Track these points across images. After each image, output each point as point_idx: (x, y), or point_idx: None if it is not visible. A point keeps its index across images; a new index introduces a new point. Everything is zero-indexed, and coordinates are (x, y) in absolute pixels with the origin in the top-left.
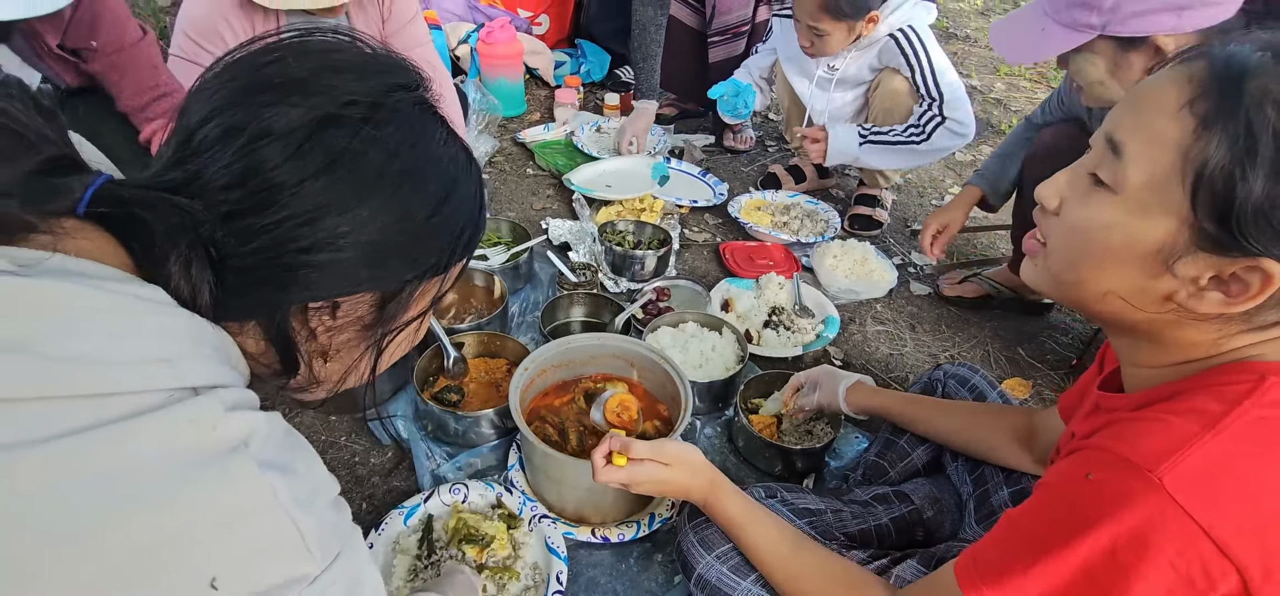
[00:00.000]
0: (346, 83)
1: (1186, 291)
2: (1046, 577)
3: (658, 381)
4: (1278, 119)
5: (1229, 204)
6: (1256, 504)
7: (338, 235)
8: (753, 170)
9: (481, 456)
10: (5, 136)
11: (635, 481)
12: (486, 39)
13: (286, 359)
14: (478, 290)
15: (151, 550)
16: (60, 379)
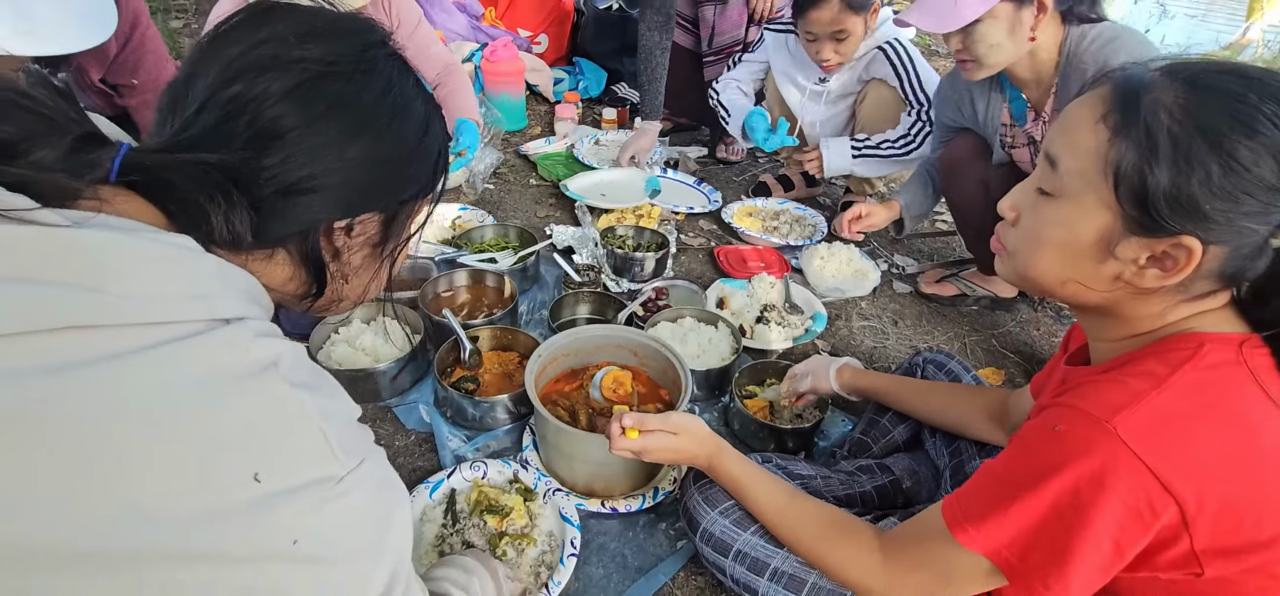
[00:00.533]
0: (334, 42)
1: (1130, 271)
2: (1022, 516)
3: (660, 368)
4: (1170, 122)
5: (1144, 193)
6: (1193, 448)
7: (347, 162)
8: (743, 179)
9: (497, 438)
10: (39, 120)
11: (648, 450)
12: (491, 57)
13: (319, 277)
14: (490, 290)
15: (203, 450)
16: (122, 310)
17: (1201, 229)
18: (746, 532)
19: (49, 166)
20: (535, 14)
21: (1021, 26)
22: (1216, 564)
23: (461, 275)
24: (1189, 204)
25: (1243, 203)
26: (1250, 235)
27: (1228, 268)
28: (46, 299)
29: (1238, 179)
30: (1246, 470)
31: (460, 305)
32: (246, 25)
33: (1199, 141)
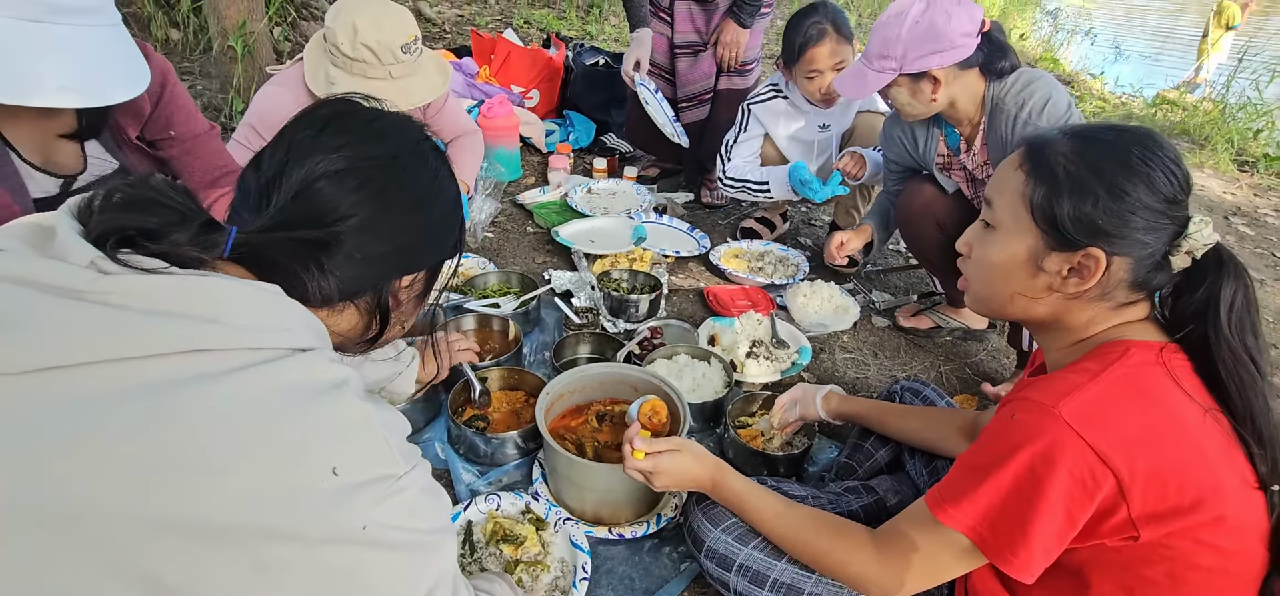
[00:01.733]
0: (393, 142)
1: (1057, 281)
2: (990, 493)
3: (668, 403)
4: (1066, 164)
5: (1054, 218)
6: (1122, 427)
7: (407, 233)
8: (728, 223)
9: (508, 472)
10: (174, 213)
11: (657, 469)
12: (487, 113)
13: (384, 322)
14: (495, 333)
15: (292, 447)
16: (233, 337)
17: (1102, 241)
18: (747, 548)
19: (182, 245)
20: (527, 71)
21: (921, 93)
22: (1149, 528)
23: (468, 320)
24: (1088, 222)
25: (1129, 219)
26: (1145, 247)
27: (1136, 277)
28: (179, 327)
29: (1121, 200)
30: (1167, 444)
31: (470, 348)
32: (327, 132)
33: (1088, 175)
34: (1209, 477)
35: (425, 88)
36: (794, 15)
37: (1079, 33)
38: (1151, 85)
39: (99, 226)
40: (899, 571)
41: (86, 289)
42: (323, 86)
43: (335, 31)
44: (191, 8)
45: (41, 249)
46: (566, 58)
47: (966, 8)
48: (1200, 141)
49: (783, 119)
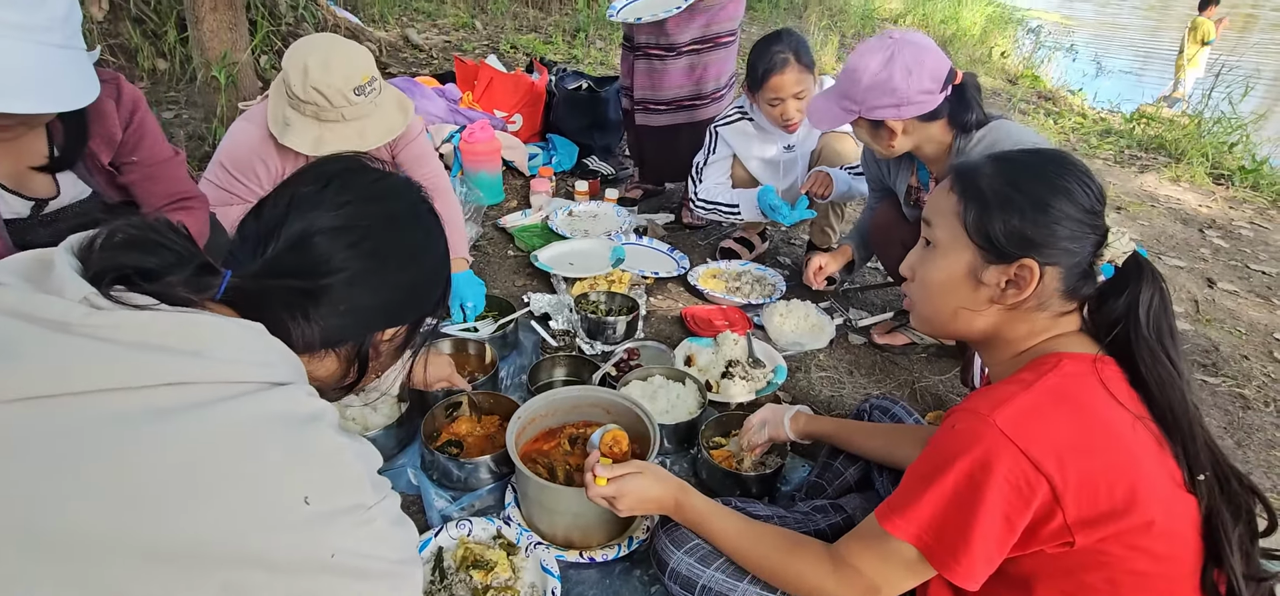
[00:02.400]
0: (393, 202)
1: (996, 292)
2: (933, 501)
3: (630, 424)
4: (991, 184)
5: (988, 233)
6: (1055, 434)
7: (395, 288)
8: (708, 243)
9: (481, 498)
10: (172, 255)
11: (621, 492)
12: (469, 138)
13: (361, 371)
14: (472, 358)
15: (267, 475)
16: (215, 370)
17: (1034, 252)
18: (710, 569)
19: (176, 286)
20: (510, 96)
21: (878, 138)
22: (1084, 533)
23: (445, 344)
24: (1019, 234)
25: (1055, 230)
26: (1073, 256)
27: (1068, 286)
28: (164, 360)
29: (1046, 212)
30: (1098, 450)
31: (446, 375)
32: (330, 188)
33: (1013, 192)
34: (1139, 481)
35: (381, 129)
36: (758, 42)
37: (1061, 49)
38: (1131, 101)
39: (98, 264)
40: (853, 583)
41: (77, 323)
42: (279, 129)
43: (288, 73)
44: (178, 38)
45: (38, 283)
46: (549, 82)
47: (930, 66)
48: (1176, 155)
49: (749, 140)
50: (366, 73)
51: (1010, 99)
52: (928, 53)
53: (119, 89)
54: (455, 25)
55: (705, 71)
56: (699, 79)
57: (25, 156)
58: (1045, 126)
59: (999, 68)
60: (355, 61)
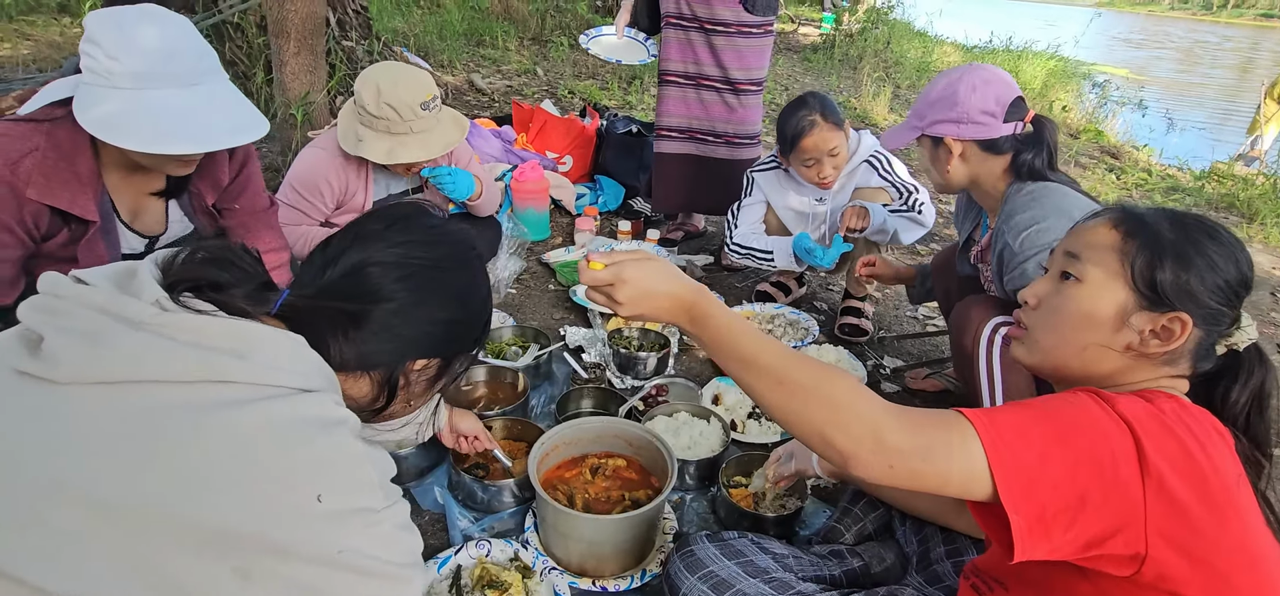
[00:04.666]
0: (444, 248)
1: (1137, 339)
2: (1020, 421)
3: (651, 456)
4: (1167, 233)
5: (1154, 281)
6: (1167, 444)
7: (431, 320)
8: (745, 286)
9: (502, 520)
10: (240, 272)
11: (620, 279)
12: (519, 178)
13: (391, 396)
14: (505, 385)
15: (289, 470)
16: (255, 373)
17: (1191, 308)
18: None
19: (237, 298)
20: (562, 138)
21: (938, 160)
22: (1160, 553)
23: (480, 371)
24: (1185, 288)
25: (1215, 293)
26: (1217, 325)
27: (1200, 351)
28: (212, 360)
29: (1214, 273)
30: (1201, 483)
31: (478, 398)
32: (393, 229)
33: (1188, 247)
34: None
35: (443, 140)
36: (785, 108)
37: (1128, 104)
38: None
39: (176, 274)
40: (906, 428)
41: (147, 321)
42: (352, 144)
43: (362, 93)
44: (264, 80)
45: (123, 287)
46: (600, 126)
47: (996, 90)
48: (1249, 214)
49: (784, 190)
50: (429, 91)
51: (1070, 152)
52: (997, 78)
53: None
54: (518, 71)
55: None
56: (713, 115)
57: (147, 187)
58: (1106, 181)
59: (1060, 121)
60: (419, 81)
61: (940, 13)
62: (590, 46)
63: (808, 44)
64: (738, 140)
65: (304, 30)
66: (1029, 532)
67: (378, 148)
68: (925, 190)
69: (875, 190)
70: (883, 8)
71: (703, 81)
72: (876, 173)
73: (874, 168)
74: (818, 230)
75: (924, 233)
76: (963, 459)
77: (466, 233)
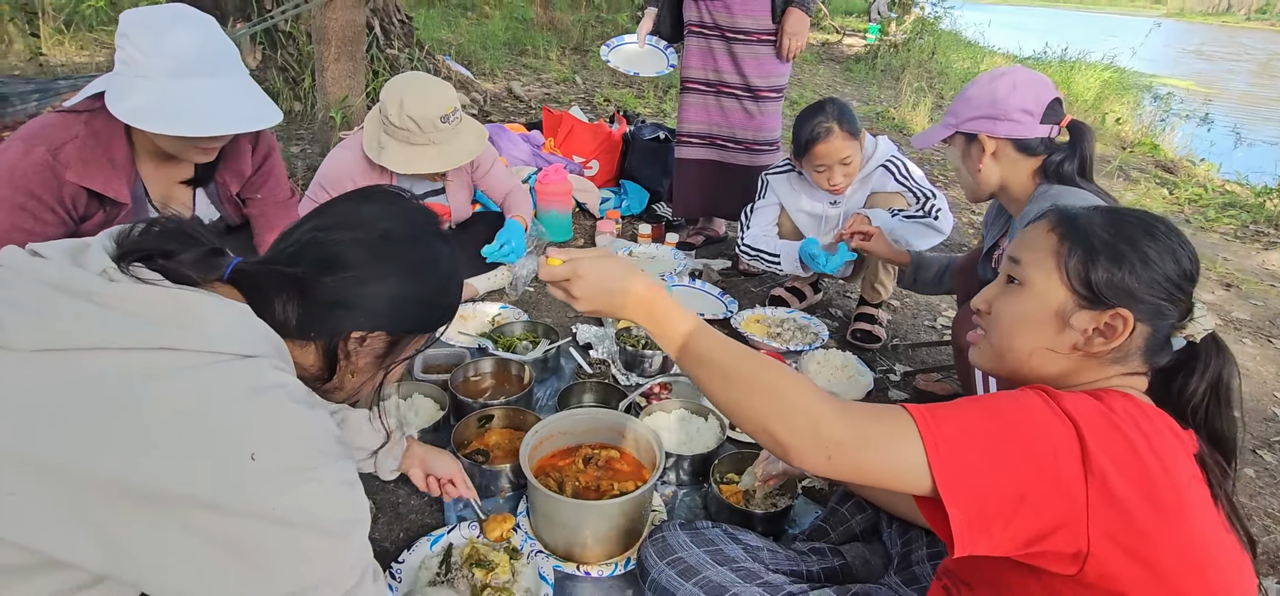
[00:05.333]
0: (401, 221)
1: (1082, 338)
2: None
3: (643, 449)
4: (1100, 232)
5: (1089, 278)
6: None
7: (375, 294)
8: (763, 290)
9: (498, 505)
10: (189, 240)
11: (576, 274)
12: (543, 180)
13: (330, 367)
14: (511, 376)
15: (222, 432)
16: (194, 340)
17: (1131, 305)
18: (690, 583)
19: (186, 264)
20: (589, 143)
21: (971, 158)
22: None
23: (488, 362)
24: (1121, 284)
25: (1155, 288)
26: (1163, 319)
27: (1150, 346)
28: (152, 328)
29: (1150, 268)
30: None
31: (485, 388)
32: (355, 197)
33: (1121, 242)
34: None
35: (462, 151)
36: (802, 112)
37: (1191, 118)
38: (1271, 174)
39: (128, 245)
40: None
41: (92, 291)
42: (375, 151)
43: (386, 104)
44: (312, 85)
45: (74, 259)
46: (627, 132)
47: (1035, 91)
48: None
49: (796, 194)
50: (450, 104)
51: (1121, 166)
52: (1036, 78)
53: (258, 132)
54: (558, 79)
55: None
56: (733, 122)
57: (177, 174)
58: (1155, 195)
59: (1112, 134)
60: (441, 95)
61: (989, 23)
62: (610, 58)
63: (851, 54)
64: (757, 146)
65: (344, 37)
66: (969, 527)
67: (398, 157)
68: (943, 196)
69: (891, 195)
70: (931, 18)
71: (723, 88)
72: (893, 177)
73: (891, 172)
74: (829, 235)
75: (939, 239)
76: (902, 452)
77: (430, 214)
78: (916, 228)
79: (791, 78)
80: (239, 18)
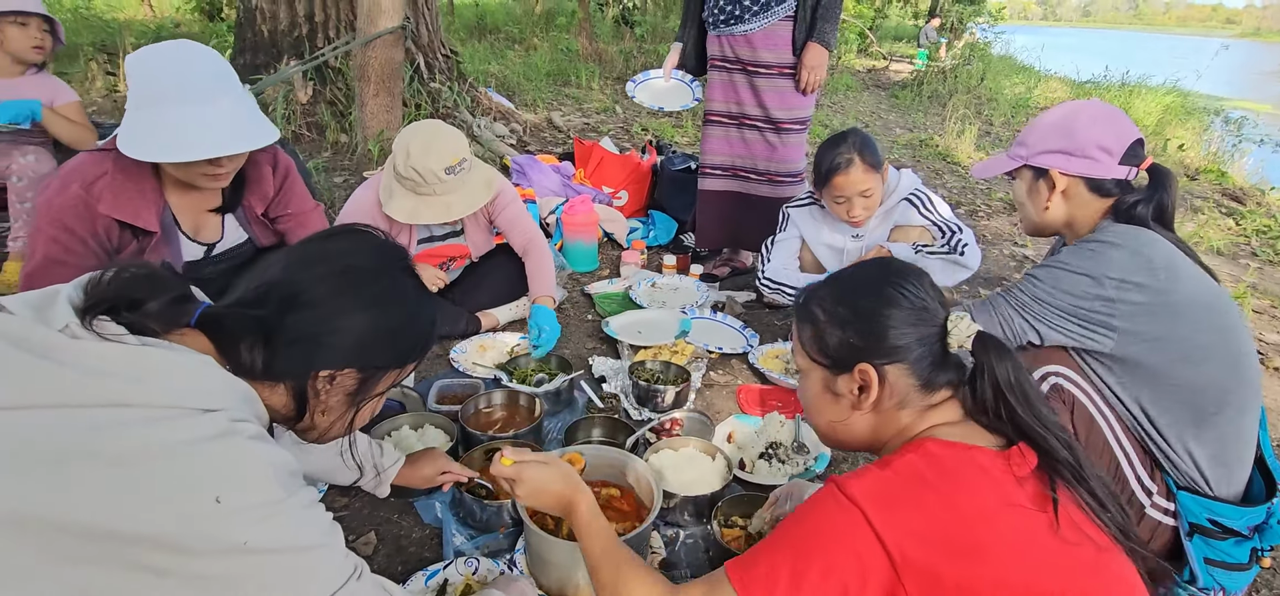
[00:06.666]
0: (366, 256)
1: (852, 399)
2: (769, 553)
3: (644, 486)
4: (822, 305)
5: (825, 349)
6: (907, 514)
7: (341, 329)
8: (783, 324)
9: (496, 540)
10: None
11: (520, 477)
12: (569, 211)
13: (300, 408)
14: (521, 409)
15: (183, 482)
16: (150, 396)
17: (866, 357)
18: None
19: (153, 314)
20: (618, 173)
21: (1038, 194)
22: None
23: (499, 395)
24: (850, 345)
25: (885, 333)
26: (913, 351)
27: (921, 377)
28: (110, 385)
29: (871, 321)
30: (953, 536)
31: (495, 420)
32: (324, 235)
33: (841, 308)
34: (1010, 567)
35: (466, 202)
36: (824, 142)
37: (1267, 143)
38: None
39: (93, 296)
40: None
41: (52, 348)
42: (385, 198)
43: (395, 153)
44: (357, 118)
45: (39, 313)
46: (656, 162)
47: (1116, 128)
48: None
49: (818, 226)
50: (457, 155)
51: (1184, 195)
52: (1118, 115)
53: (276, 157)
54: (598, 109)
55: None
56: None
57: (204, 203)
58: (1218, 226)
59: (1175, 160)
60: (449, 145)
61: (1043, 47)
62: (636, 94)
63: (898, 80)
64: (779, 177)
65: (382, 74)
66: None
67: (403, 206)
68: (970, 231)
69: (915, 229)
70: (982, 42)
71: (745, 120)
72: (917, 211)
73: (914, 206)
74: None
75: (966, 275)
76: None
77: (398, 249)
78: (940, 264)
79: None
80: (293, 55)
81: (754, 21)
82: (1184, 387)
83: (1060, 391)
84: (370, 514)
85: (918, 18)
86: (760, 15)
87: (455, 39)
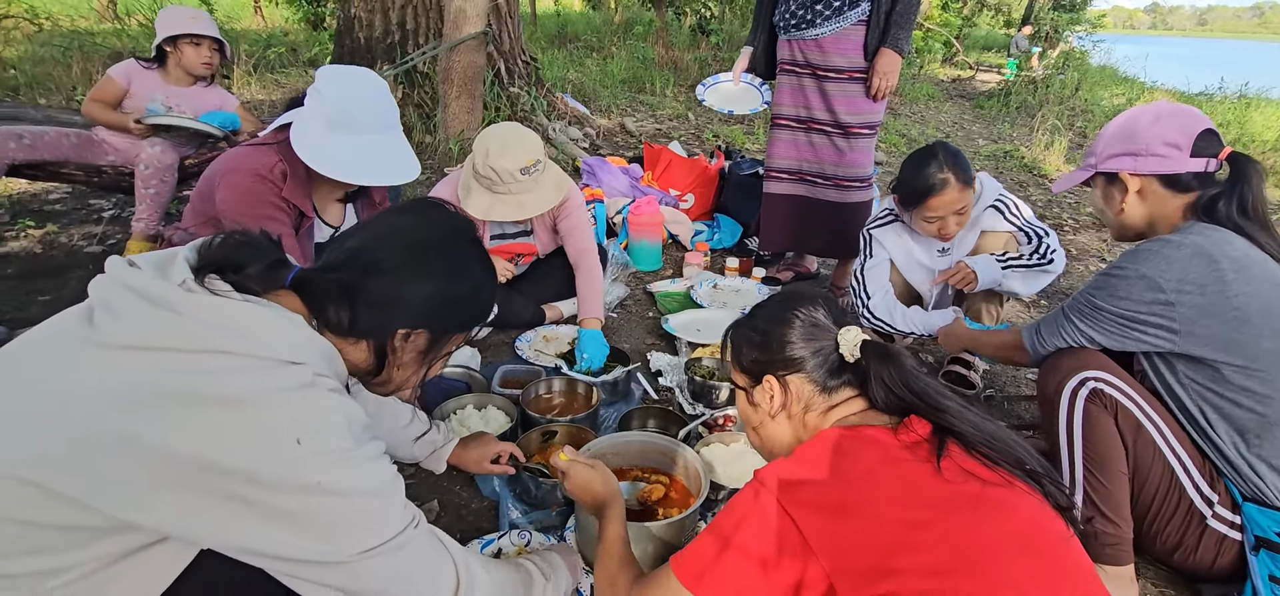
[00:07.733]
0: (439, 228)
1: (770, 407)
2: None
3: (692, 476)
4: (738, 333)
5: (743, 366)
6: (810, 489)
7: (414, 293)
8: None
9: (549, 516)
10: (256, 252)
11: (570, 474)
12: (635, 212)
13: (380, 362)
14: (579, 396)
15: (272, 422)
16: (248, 345)
17: (768, 370)
18: None
19: (254, 276)
20: (686, 176)
21: (1111, 200)
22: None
23: (560, 382)
24: (756, 361)
25: (781, 349)
26: (808, 361)
27: (820, 382)
28: (215, 334)
29: (769, 338)
30: (858, 504)
31: (555, 406)
32: (397, 209)
33: (749, 328)
34: (922, 534)
35: (538, 202)
36: (909, 159)
37: None
38: None
39: (205, 258)
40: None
41: (171, 300)
42: (463, 194)
43: (474, 152)
44: (440, 118)
45: (161, 270)
46: (724, 166)
47: (1182, 121)
48: None
49: (903, 244)
50: (533, 156)
51: None
52: (1183, 109)
53: None
54: (671, 115)
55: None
56: (822, 158)
57: (334, 193)
58: None
59: None
60: (525, 147)
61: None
62: (706, 97)
63: (984, 90)
64: (847, 182)
65: (465, 78)
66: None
67: (479, 203)
68: (1054, 235)
69: (1001, 235)
70: (1079, 50)
71: (814, 125)
72: (1002, 217)
73: (1000, 212)
74: (941, 281)
75: (1049, 281)
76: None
77: (461, 220)
78: (1018, 274)
79: (910, 115)
80: (385, 61)
81: (826, 26)
82: (1252, 393)
83: (1100, 396)
84: (434, 482)
85: (1009, 26)
86: (832, 19)
87: (536, 46)
